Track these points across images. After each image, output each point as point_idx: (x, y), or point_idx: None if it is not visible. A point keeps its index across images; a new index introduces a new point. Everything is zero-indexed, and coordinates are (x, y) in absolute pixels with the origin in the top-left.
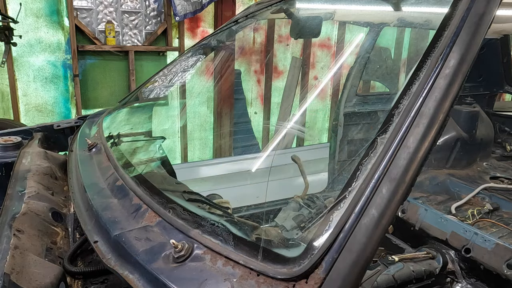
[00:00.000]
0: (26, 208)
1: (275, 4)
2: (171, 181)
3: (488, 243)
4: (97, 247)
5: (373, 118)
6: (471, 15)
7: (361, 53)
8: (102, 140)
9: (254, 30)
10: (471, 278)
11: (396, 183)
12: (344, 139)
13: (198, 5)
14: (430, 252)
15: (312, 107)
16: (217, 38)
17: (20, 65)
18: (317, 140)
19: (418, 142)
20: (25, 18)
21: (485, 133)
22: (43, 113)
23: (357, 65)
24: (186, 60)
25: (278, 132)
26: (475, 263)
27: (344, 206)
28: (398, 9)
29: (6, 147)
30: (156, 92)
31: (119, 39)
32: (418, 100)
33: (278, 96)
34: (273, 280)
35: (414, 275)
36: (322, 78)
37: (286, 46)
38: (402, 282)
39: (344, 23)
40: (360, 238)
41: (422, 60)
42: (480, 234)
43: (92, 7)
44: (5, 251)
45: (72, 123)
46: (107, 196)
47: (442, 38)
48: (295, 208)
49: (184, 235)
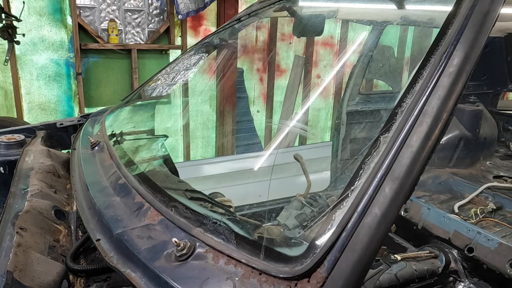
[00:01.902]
0: (29, 206)
1: (278, 2)
2: (173, 180)
3: (491, 242)
4: (99, 245)
5: (376, 117)
6: (475, 13)
7: (364, 52)
8: (105, 138)
9: (257, 28)
10: (474, 278)
11: (399, 182)
12: (347, 137)
13: (200, 3)
14: (433, 251)
15: (315, 105)
16: (219, 37)
17: (23, 64)
18: (320, 138)
19: (422, 141)
20: (28, 17)
21: (488, 132)
22: (46, 111)
23: (360, 63)
24: (188, 59)
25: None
26: (478, 263)
27: (346, 205)
28: (402, 7)
29: (10, 145)
30: (158, 91)
31: (122, 37)
32: (422, 98)
33: (281, 95)
34: (275, 279)
35: (416, 274)
36: (325, 77)
37: (288, 45)
38: (404, 281)
39: (347, 21)
40: (363, 237)
41: (426, 58)
42: (483, 234)
43: (95, 6)
44: (8, 249)
45: (75, 121)
46: (109, 194)
47: (446, 36)
48: (297, 206)
49: (186, 234)
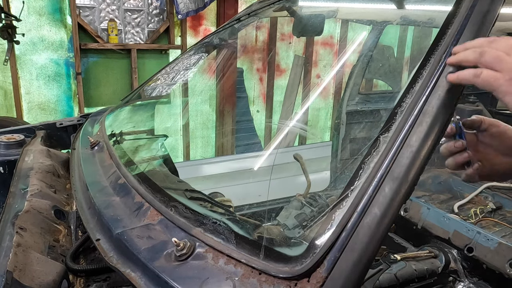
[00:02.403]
0: (29, 206)
1: (278, 2)
2: (173, 179)
3: (490, 242)
4: (99, 245)
5: (375, 117)
6: (475, 13)
7: (364, 51)
8: (105, 138)
9: (257, 28)
10: (473, 277)
11: (398, 182)
12: (347, 137)
13: (200, 3)
14: (433, 251)
15: (315, 105)
16: (219, 36)
17: (23, 63)
18: (320, 138)
19: (421, 141)
20: (28, 16)
21: None
22: (45, 111)
23: (359, 63)
24: (188, 58)
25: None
26: (478, 262)
27: (346, 204)
28: (401, 7)
29: (9, 145)
30: (158, 90)
31: (122, 37)
32: (421, 98)
33: (281, 95)
34: (275, 279)
35: (416, 274)
36: (325, 76)
37: (288, 44)
38: (404, 281)
39: (346, 21)
40: (363, 237)
41: (426, 58)
42: (482, 233)
43: (94, 5)
44: (8, 248)
45: (74, 121)
46: (109, 194)
47: (446, 36)
48: (297, 206)
49: (186, 234)
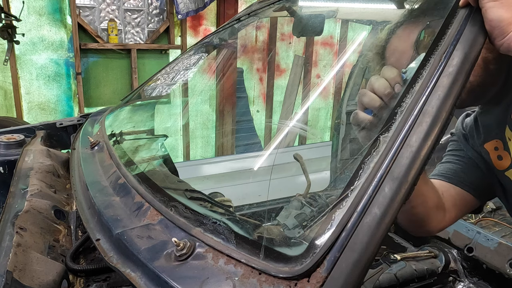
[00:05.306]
0: (29, 205)
1: (278, 2)
2: (173, 179)
3: (490, 242)
4: (99, 245)
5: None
6: (475, 13)
7: (364, 51)
8: (105, 138)
9: (257, 28)
10: (473, 277)
11: (398, 182)
12: (347, 137)
13: (200, 3)
14: (433, 251)
15: (315, 105)
16: (219, 36)
17: (23, 63)
18: (320, 138)
19: (421, 141)
20: (28, 16)
21: None
22: (45, 111)
23: (359, 63)
24: (188, 58)
25: (280, 131)
26: (478, 262)
27: (346, 204)
28: (402, 7)
29: (9, 145)
30: (158, 90)
31: (122, 37)
32: (421, 98)
33: (281, 95)
34: (274, 279)
35: (416, 274)
36: (325, 76)
37: (288, 44)
38: (404, 281)
39: (346, 21)
40: (363, 237)
41: (425, 58)
42: (482, 233)
43: (94, 5)
44: (8, 248)
45: (74, 121)
46: (109, 194)
47: (446, 36)
48: (297, 206)
49: (186, 234)
